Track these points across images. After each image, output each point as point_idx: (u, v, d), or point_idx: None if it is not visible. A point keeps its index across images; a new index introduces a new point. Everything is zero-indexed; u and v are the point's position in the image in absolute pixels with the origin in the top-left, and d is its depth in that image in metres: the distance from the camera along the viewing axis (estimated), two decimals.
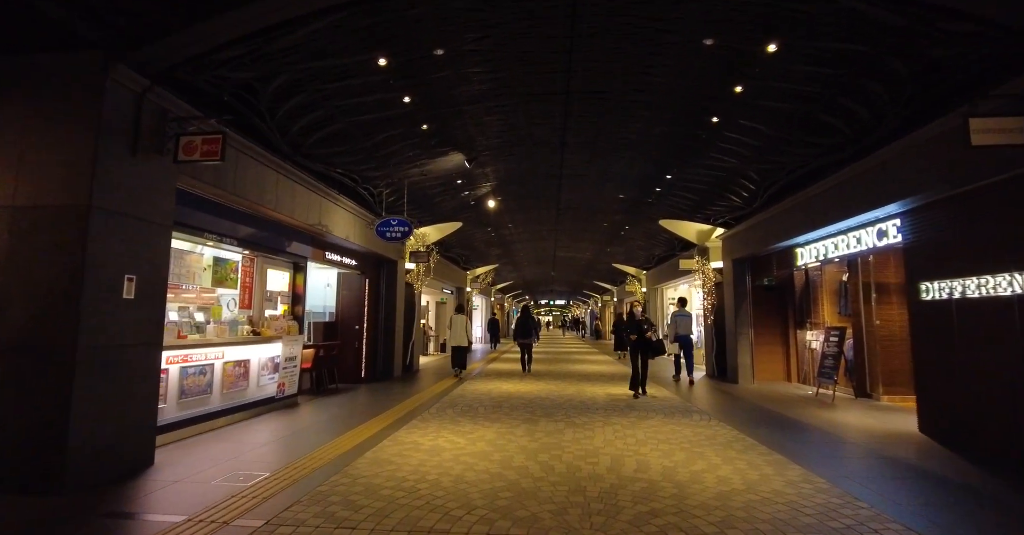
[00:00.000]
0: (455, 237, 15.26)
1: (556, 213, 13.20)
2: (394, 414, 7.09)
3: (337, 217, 8.57)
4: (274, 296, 7.80)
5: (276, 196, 6.73)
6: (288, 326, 7.88)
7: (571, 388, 9.89)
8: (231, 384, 6.71)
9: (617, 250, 19.02)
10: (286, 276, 8.16)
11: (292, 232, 7.79)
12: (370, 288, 10.99)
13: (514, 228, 15.59)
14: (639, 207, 12.28)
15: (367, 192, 9.01)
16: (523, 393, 9.17)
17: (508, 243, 18.17)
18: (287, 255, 7.85)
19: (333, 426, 6.37)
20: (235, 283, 7.08)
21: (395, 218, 8.62)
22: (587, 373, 12.73)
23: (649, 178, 9.78)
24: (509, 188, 11.01)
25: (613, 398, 8.69)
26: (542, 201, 12.30)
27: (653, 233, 14.58)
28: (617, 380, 11.24)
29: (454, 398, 8.51)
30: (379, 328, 11.53)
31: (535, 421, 6.63)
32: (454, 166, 8.67)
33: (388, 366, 11.47)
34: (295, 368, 7.94)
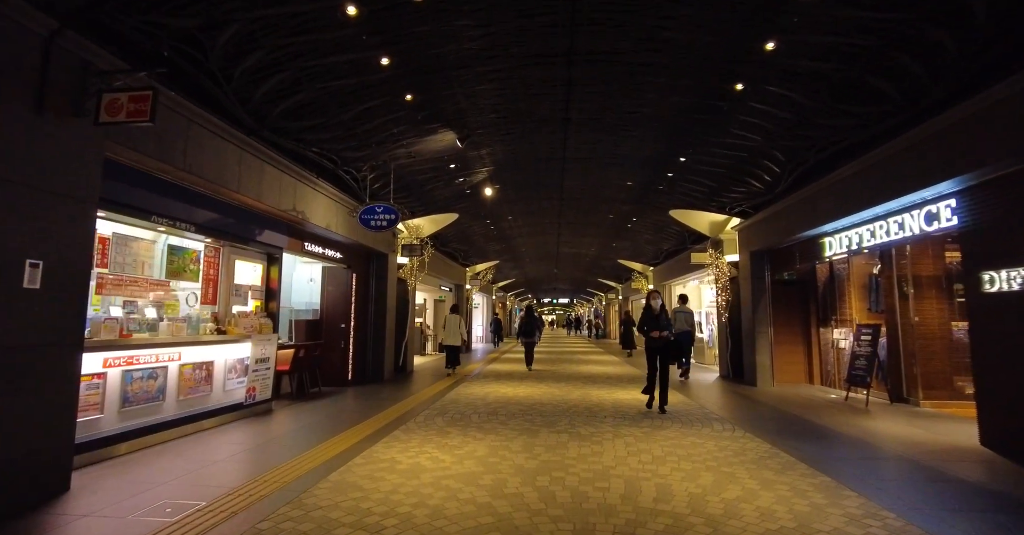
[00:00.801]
0: (452, 230, 14.45)
1: (559, 203, 12.35)
2: (376, 423, 6.28)
3: (316, 204, 7.76)
4: (244, 291, 7.00)
5: (239, 176, 5.92)
6: (260, 324, 7.08)
7: (575, 392, 9.06)
8: (190, 389, 5.91)
9: (623, 245, 18.16)
10: (258, 269, 7.36)
11: (263, 219, 6.98)
12: (358, 283, 10.19)
13: (514, 221, 14.75)
14: (648, 195, 11.42)
15: (350, 176, 8.20)
16: (522, 398, 8.34)
17: (509, 238, 17.33)
18: (258, 245, 7.05)
19: (303, 438, 5.56)
20: (196, 275, 6.28)
21: (380, 204, 7.81)
22: (592, 375, 11.90)
23: (660, 161, 8.92)
24: (507, 174, 10.17)
25: (622, 404, 7.86)
26: (543, 189, 11.46)
27: (662, 225, 13.73)
28: (625, 383, 10.40)
29: (446, 404, 7.69)
30: (368, 327, 10.72)
31: (535, 432, 5.81)
32: (445, 147, 7.84)
33: (378, 368, 10.66)
34: (268, 371, 7.14)
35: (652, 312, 7.32)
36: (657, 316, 7.23)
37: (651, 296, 7.53)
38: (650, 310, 7.36)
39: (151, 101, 3.79)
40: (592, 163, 9.50)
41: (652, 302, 7.43)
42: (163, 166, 4.88)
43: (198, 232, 5.86)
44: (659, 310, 7.30)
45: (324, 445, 5.17)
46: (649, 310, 7.39)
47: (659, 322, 7.19)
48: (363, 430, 5.87)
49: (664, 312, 7.36)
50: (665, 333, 7.14)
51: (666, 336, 7.16)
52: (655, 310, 7.31)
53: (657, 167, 9.31)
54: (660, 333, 7.14)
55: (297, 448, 5.07)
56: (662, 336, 7.16)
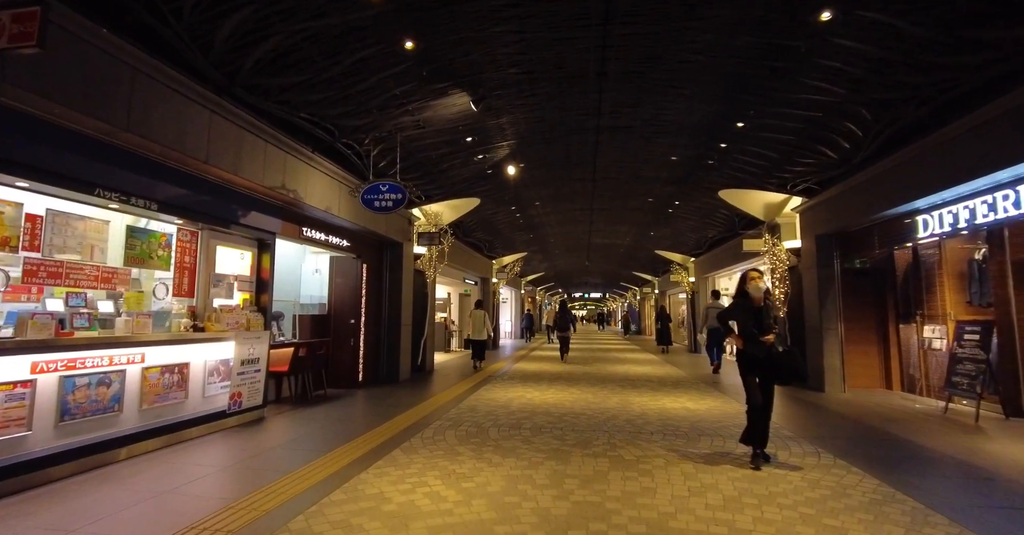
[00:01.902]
0: (474, 218, 13.37)
1: (591, 185, 11.09)
2: (376, 437, 5.26)
3: (313, 182, 6.77)
4: (228, 281, 6.08)
5: (208, 143, 4.95)
6: (248, 319, 6.15)
7: (613, 398, 7.86)
8: (158, 397, 5.01)
9: (662, 233, 16.72)
10: (247, 257, 6.43)
11: (247, 198, 6.03)
12: (369, 275, 9.22)
13: (542, 207, 13.53)
14: (695, 173, 10.05)
15: (352, 152, 7.18)
16: (552, 405, 7.21)
17: (537, 226, 16.14)
18: (244, 229, 6.10)
19: (284, 458, 4.57)
20: (166, 263, 5.37)
21: (385, 182, 6.77)
22: (630, 376, 10.65)
23: (713, 128, 7.57)
24: (532, 149, 8.98)
25: (670, 415, 6.63)
26: (574, 168, 10.21)
27: (709, 209, 12.31)
28: (669, 387, 9.13)
29: (462, 412, 6.62)
30: (382, 323, 9.77)
31: (565, 455, 4.67)
32: (459, 114, 6.73)
33: (393, 368, 9.70)
34: (258, 373, 6.21)
35: (750, 303, 4.54)
36: (759, 310, 4.50)
37: (747, 279, 4.60)
38: (746, 301, 4.57)
39: (39, 19, 2.80)
40: (631, 134, 8.21)
41: (750, 288, 4.54)
42: (98, 124, 3.92)
43: (162, 211, 4.92)
44: (763, 301, 4.55)
45: (305, 469, 4.16)
46: (744, 301, 4.59)
47: (761, 319, 4.47)
48: (358, 447, 4.85)
49: (769, 303, 4.60)
50: (771, 336, 4.41)
51: (772, 341, 4.42)
52: (757, 300, 4.52)
53: (709, 137, 7.96)
54: (764, 335, 4.41)
55: (270, 473, 4.07)
56: (766, 341, 4.41)
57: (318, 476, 4.00)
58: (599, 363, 13.44)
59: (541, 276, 29.74)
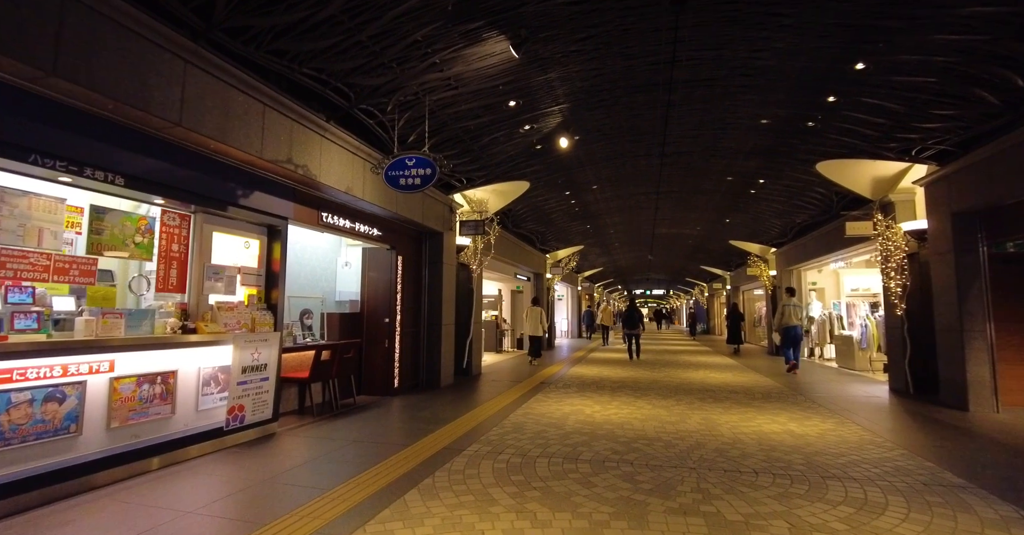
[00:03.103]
0: (524, 205, 12.12)
1: (659, 162, 9.54)
2: (395, 467, 4.15)
3: (328, 157, 5.77)
4: (229, 274, 5.17)
5: (181, 102, 3.99)
6: (253, 319, 5.23)
7: (693, 415, 6.40)
8: (133, 412, 4.14)
9: (739, 220, 14.78)
10: (253, 245, 5.51)
11: (246, 175, 5.08)
12: (405, 269, 8.20)
13: (600, 192, 12.05)
14: (788, 141, 8.30)
15: (373, 120, 6.12)
16: (616, 425, 5.86)
17: (594, 215, 14.66)
18: (246, 212, 5.16)
19: (270, 498, 3.53)
20: (147, 251, 4.49)
21: (411, 155, 5.66)
22: (708, 384, 9.06)
23: (821, 75, 5.89)
24: (590, 115, 7.57)
25: (774, 444, 5.12)
26: (639, 140, 8.68)
27: (800, 188, 10.44)
28: (759, 400, 7.51)
29: (506, 433, 5.41)
30: (421, 322, 8.74)
31: (640, 508, 3.34)
32: (497, 65, 5.48)
33: (433, 372, 8.65)
34: (265, 382, 5.28)
35: None
36: None
37: None
38: None
39: None
40: (712, 89, 6.66)
41: None
42: (14, 65, 2.99)
43: (132, 187, 4.02)
44: None
45: (289, 518, 3.09)
46: None
47: None
48: (368, 483, 3.75)
49: None
50: None
51: None
52: None
53: (813, 88, 6.28)
54: None
55: (240, 525, 3.03)
56: None
57: (304, 530, 2.91)
58: (668, 367, 11.85)
59: (599, 272, 28.11)
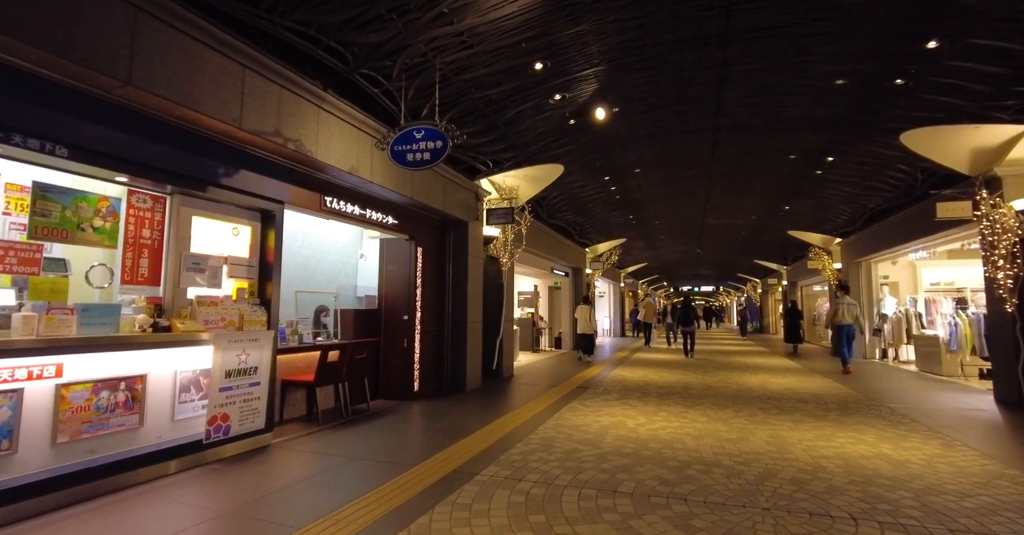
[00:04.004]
0: (559, 193, 11.19)
1: (711, 138, 8.40)
2: (392, 495, 3.39)
3: (327, 131, 5.07)
4: (213, 265, 4.54)
5: (131, 56, 3.34)
6: (241, 315, 4.60)
7: (758, 431, 5.35)
8: (88, 424, 3.55)
9: (800, 207, 13.31)
10: (244, 232, 4.88)
11: (228, 150, 4.43)
12: (426, 261, 7.47)
13: (644, 176, 10.93)
14: (869, 106, 7.01)
15: (379, 89, 5.39)
16: (665, 442, 4.91)
17: (637, 204, 13.54)
18: (232, 193, 4.52)
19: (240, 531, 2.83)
20: (110, 237, 3.90)
21: (420, 126, 4.88)
22: (772, 392, 7.90)
23: (916, 17, 4.74)
24: (630, 80, 6.58)
25: (867, 474, 4.05)
26: (688, 112, 7.59)
27: (878, 166, 9.06)
28: (835, 411, 6.35)
29: (531, 451, 4.57)
30: (445, 319, 8.00)
31: None
32: (518, 14, 4.60)
33: (458, 375, 7.89)
34: (256, 387, 4.63)
35: None
36: None
37: None
38: None
39: None
40: (775, 45, 5.56)
41: None
42: None
43: (79, 159, 3.41)
44: None
45: None
46: None
47: None
48: (355, 518, 2.99)
49: None
50: None
51: None
52: None
53: (904, 37, 5.11)
54: None
55: None
56: None
57: None
58: (722, 370, 10.68)
59: (643, 267, 26.75)
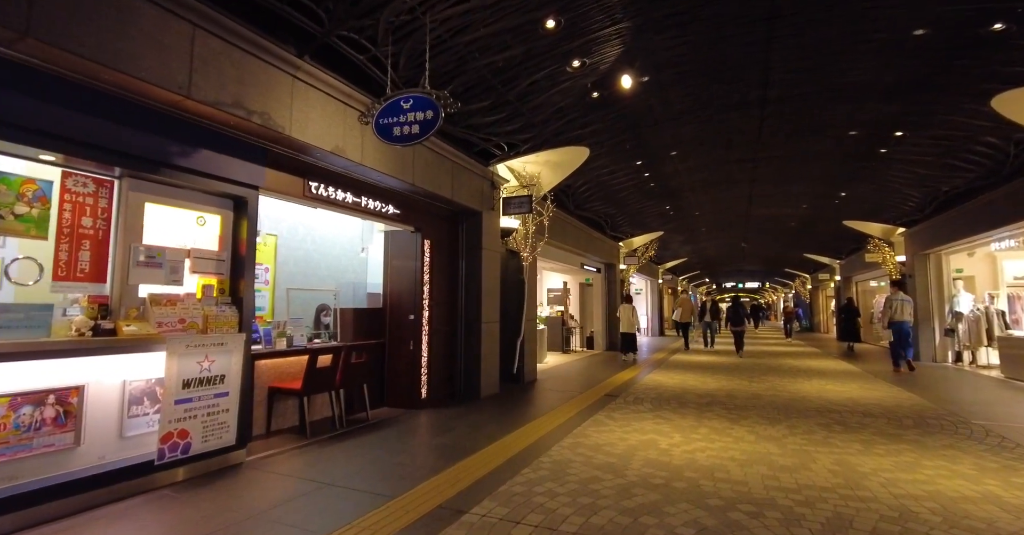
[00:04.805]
0: (586, 181, 10.32)
1: (758, 114, 7.35)
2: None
3: (305, 105, 4.43)
4: (171, 259, 3.96)
5: (29, 2, 2.75)
6: (205, 316, 4.01)
7: (821, 456, 4.40)
8: (4, 446, 3.01)
9: (860, 193, 11.94)
10: (212, 222, 4.29)
11: (193, 130, 3.84)
12: (435, 255, 6.79)
13: (681, 160, 9.88)
14: (951, 64, 5.86)
15: (366, 55, 4.71)
16: (703, 471, 4.04)
17: (674, 192, 12.48)
18: (194, 177, 3.92)
19: None
20: (38, 227, 3.35)
21: (408, 94, 4.17)
22: (832, 403, 6.83)
23: None
24: (660, 42, 5.70)
25: (968, 519, 3.09)
26: (731, 81, 6.60)
27: (959, 139, 7.79)
28: (913, 428, 5.29)
29: (537, 482, 3.79)
30: (457, 320, 7.30)
31: None
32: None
33: (472, 380, 7.18)
34: (222, 398, 4.04)
35: None
36: None
37: None
38: None
39: None
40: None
41: None
42: None
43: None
44: None
45: None
46: None
47: None
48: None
49: None
50: None
51: None
52: None
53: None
54: None
55: None
56: None
57: None
58: (770, 375, 9.59)
59: (683, 263, 25.43)
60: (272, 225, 6.58)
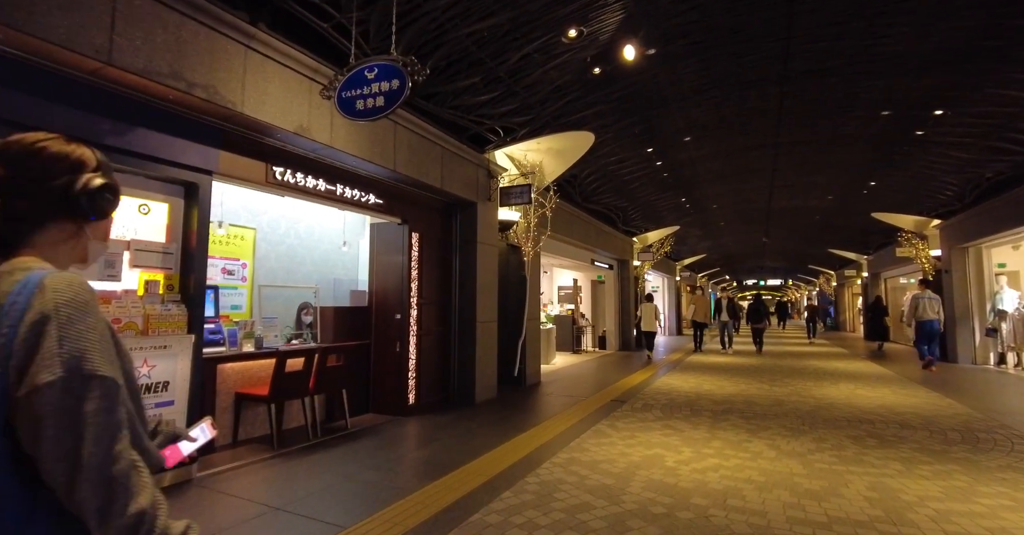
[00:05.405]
0: (593, 170, 9.73)
1: (778, 92, 6.66)
2: None
3: (260, 78, 3.95)
4: (112, 251, 3.53)
5: None
6: (146, 315, 3.57)
7: (854, 478, 3.77)
8: None
9: (891, 182, 11.11)
10: (158, 210, 3.84)
11: (130, 105, 3.38)
12: (424, 249, 6.29)
13: (695, 147, 9.21)
14: (1006, 26, 5.20)
15: (330, 22, 4.21)
16: (714, 497, 3.46)
17: (690, 183, 11.78)
18: (132, 158, 3.47)
19: None
20: None
21: (373, 62, 3.66)
22: (863, 410, 6.15)
23: None
24: (665, 5, 5.10)
25: None
26: (748, 55, 5.97)
27: (1011, 116, 7.00)
28: (957, 440, 4.62)
29: (516, 509, 3.26)
30: (451, 319, 6.80)
31: None
32: None
33: (466, 385, 6.67)
34: (167, 408, 3.58)
35: None
36: None
37: None
38: None
39: None
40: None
41: None
42: None
43: None
44: None
45: None
46: None
47: None
48: None
49: None
50: None
51: None
52: None
53: None
54: None
55: None
56: None
57: None
58: (794, 378, 8.89)
59: (702, 259, 24.57)
60: (250, 218, 6.16)
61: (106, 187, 0.91)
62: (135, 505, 0.77)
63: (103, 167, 0.94)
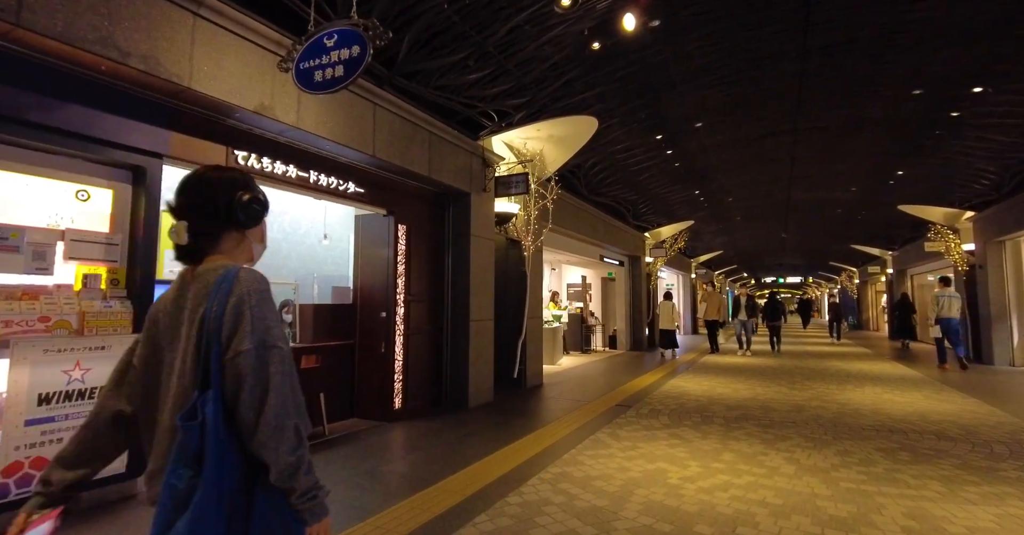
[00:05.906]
0: (598, 159, 9.22)
1: (798, 69, 6.07)
2: None
3: (212, 50, 3.55)
4: (33, 242, 3.16)
5: None
6: (81, 313, 3.21)
7: (887, 501, 3.25)
8: None
9: (919, 171, 10.38)
10: (100, 197, 3.47)
11: (46, 73, 3.00)
12: (412, 243, 5.88)
13: (708, 134, 8.62)
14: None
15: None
16: (722, 522, 2.97)
17: (703, 174, 11.19)
18: (63, 137, 3.10)
19: None
20: None
21: (333, 29, 3.24)
22: (892, 418, 5.58)
23: None
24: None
25: None
26: (763, 25, 5.47)
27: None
28: (1005, 455, 4.05)
29: (496, 531, 2.81)
30: (443, 318, 6.37)
31: None
32: None
33: (459, 388, 6.24)
34: None
35: None
36: None
37: None
38: None
39: None
40: None
41: None
42: None
43: None
44: None
45: None
46: None
47: None
48: None
49: None
50: None
51: None
52: None
53: None
54: None
55: None
56: None
57: None
58: (814, 380, 8.30)
59: (718, 256, 23.83)
60: None
61: (253, 200, 1.19)
62: (298, 451, 1.05)
63: (250, 184, 1.22)
